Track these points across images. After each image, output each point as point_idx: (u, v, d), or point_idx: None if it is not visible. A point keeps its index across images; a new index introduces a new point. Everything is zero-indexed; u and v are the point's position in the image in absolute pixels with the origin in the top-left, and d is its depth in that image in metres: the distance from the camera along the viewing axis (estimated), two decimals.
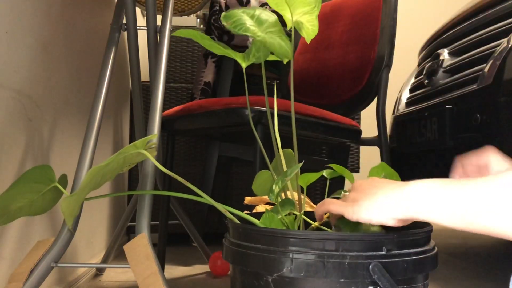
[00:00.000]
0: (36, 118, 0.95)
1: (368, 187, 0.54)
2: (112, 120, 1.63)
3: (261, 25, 0.66)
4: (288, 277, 0.50)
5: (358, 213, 0.51)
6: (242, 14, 0.66)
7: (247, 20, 0.65)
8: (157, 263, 0.71)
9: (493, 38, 1.19)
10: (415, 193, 0.48)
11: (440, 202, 0.46)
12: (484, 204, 0.43)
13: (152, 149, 0.68)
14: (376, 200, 0.51)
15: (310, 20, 0.67)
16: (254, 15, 0.67)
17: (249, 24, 0.65)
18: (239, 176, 1.90)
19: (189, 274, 1.41)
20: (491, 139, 1.09)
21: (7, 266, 0.84)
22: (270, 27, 0.66)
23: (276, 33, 0.66)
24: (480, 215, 0.43)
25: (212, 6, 1.66)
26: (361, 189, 0.55)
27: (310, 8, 0.65)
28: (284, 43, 0.66)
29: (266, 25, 0.66)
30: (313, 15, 0.66)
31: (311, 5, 0.65)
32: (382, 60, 1.38)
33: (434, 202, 0.47)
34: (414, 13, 2.90)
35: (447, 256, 1.70)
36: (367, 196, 0.52)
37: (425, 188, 0.48)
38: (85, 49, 1.28)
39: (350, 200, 0.54)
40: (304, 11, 0.66)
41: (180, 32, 0.68)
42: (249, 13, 0.67)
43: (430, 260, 0.53)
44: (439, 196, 0.46)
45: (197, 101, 1.22)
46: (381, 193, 0.51)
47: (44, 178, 0.70)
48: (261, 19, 0.66)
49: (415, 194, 0.48)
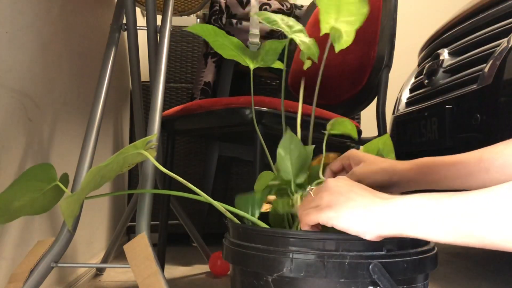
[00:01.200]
0: (36, 118, 0.95)
1: (345, 190, 0.51)
2: (112, 120, 1.63)
3: (290, 28, 0.69)
4: (288, 277, 0.50)
5: (336, 220, 0.50)
6: (275, 16, 0.70)
7: (279, 20, 0.69)
8: (157, 263, 0.71)
9: (493, 38, 1.19)
10: (403, 210, 0.47)
11: (431, 217, 0.45)
12: (480, 216, 0.42)
13: (152, 149, 0.68)
14: (357, 210, 0.49)
15: (349, 32, 0.67)
16: (284, 18, 0.70)
17: (282, 23, 0.68)
18: (239, 176, 1.89)
19: (189, 274, 1.41)
20: (491, 139, 1.09)
21: (7, 266, 0.84)
22: (297, 32, 0.70)
23: (304, 37, 0.70)
24: (475, 226, 0.42)
25: (212, 6, 1.66)
26: (337, 191, 0.52)
27: (353, 19, 0.66)
28: (311, 45, 0.68)
29: (295, 29, 0.70)
30: (354, 27, 0.67)
31: (355, 17, 0.65)
32: (382, 60, 1.38)
33: (424, 218, 0.45)
34: (414, 13, 2.89)
35: (447, 256, 1.70)
36: (346, 203, 0.50)
37: (413, 204, 0.46)
38: (85, 49, 1.28)
39: (325, 203, 0.52)
40: (347, 21, 0.66)
41: (194, 28, 0.68)
42: (279, 17, 0.70)
43: (430, 260, 0.53)
44: (429, 211, 0.45)
45: (197, 101, 1.22)
46: (362, 204, 0.49)
47: (45, 177, 0.70)
48: (290, 24, 0.70)
49: (403, 211, 0.47)
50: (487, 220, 0.42)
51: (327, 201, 0.51)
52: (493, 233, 0.42)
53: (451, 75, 1.35)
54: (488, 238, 0.42)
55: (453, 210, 0.44)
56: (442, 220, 0.44)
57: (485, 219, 0.42)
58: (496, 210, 0.41)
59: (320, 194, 0.53)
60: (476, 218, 0.42)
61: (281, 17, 0.69)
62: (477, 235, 0.42)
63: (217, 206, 0.62)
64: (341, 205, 0.50)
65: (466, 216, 0.43)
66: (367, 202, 0.49)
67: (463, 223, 0.43)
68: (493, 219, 0.42)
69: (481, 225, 0.42)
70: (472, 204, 0.43)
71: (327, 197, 0.52)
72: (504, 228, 0.41)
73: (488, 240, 0.42)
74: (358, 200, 0.50)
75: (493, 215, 0.42)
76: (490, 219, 0.42)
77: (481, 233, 0.42)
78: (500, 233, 0.41)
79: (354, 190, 0.51)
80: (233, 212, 0.63)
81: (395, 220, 0.47)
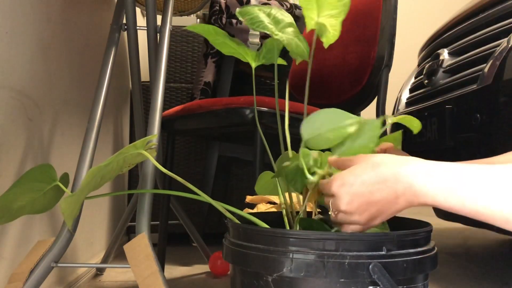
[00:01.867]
0: (36, 118, 0.95)
1: (366, 192, 0.52)
2: (112, 120, 1.63)
3: (277, 25, 0.66)
4: (288, 277, 0.50)
5: (372, 225, 0.53)
6: (259, 12, 0.66)
7: (265, 18, 0.66)
8: (157, 263, 0.71)
9: (493, 38, 1.19)
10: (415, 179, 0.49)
11: (444, 182, 0.47)
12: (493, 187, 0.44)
13: (152, 150, 0.68)
14: (390, 207, 0.51)
15: (334, 25, 0.66)
16: (270, 13, 0.66)
17: (267, 22, 0.65)
18: (239, 176, 1.89)
19: (189, 274, 1.41)
20: (491, 139, 1.09)
21: (7, 266, 0.84)
22: (286, 26, 0.66)
23: (293, 34, 0.66)
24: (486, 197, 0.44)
25: (212, 6, 1.66)
26: (361, 202, 0.52)
27: (337, 12, 0.65)
28: (301, 43, 0.65)
29: (282, 24, 0.66)
30: (338, 19, 0.65)
31: (338, 9, 0.65)
32: (382, 60, 1.38)
33: (437, 184, 0.47)
34: (414, 13, 2.89)
35: (447, 256, 1.70)
36: (378, 209, 0.52)
37: (424, 167, 0.49)
38: (85, 49, 1.28)
39: (362, 220, 0.53)
40: (330, 14, 0.65)
41: (194, 27, 0.67)
42: (265, 11, 0.67)
43: (430, 260, 0.53)
44: (443, 177, 0.47)
45: (197, 101, 1.22)
46: (388, 199, 0.51)
47: (45, 177, 0.70)
48: (278, 19, 0.66)
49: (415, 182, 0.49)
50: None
51: (364, 219, 0.53)
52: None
53: (451, 75, 1.35)
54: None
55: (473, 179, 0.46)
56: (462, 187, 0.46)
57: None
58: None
59: (350, 217, 0.53)
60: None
61: (268, 12, 0.66)
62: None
63: (217, 206, 0.62)
64: (378, 215, 0.52)
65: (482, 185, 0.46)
66: (391, 194, 0.51)
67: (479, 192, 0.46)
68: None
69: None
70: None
71: (359, 215, 0.53)
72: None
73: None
74: (383, 198, 0.51)
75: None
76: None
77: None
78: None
79: (369, 188, 0.52)
80: (233, 212, 0.63)
81: (413, 197, 0.49)
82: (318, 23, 0.66)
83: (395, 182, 0.50)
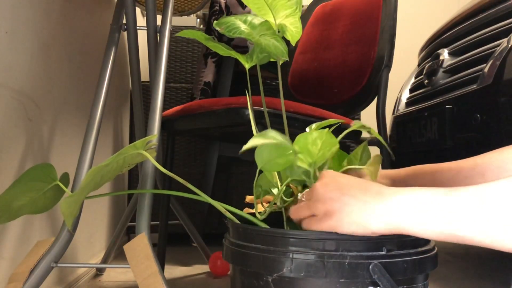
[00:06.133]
0: (36, 118, 0.95)
1: (336, 196, 0.51)
2: (112, 120, 1.63)
3: (254, 29, 0.67)
4: (288, 277, 0.50)
5: (338, 229, 0.50)
6: (235, 20, 0.67)
7: (241, 24, 0.67)
8: (157, 263, 0.71)
9: (493, 38, 1.19)
10: (403, 206, 0.47)
11: (433, 214, 0.46)
12: (487, 213, 0.43)
13: (152, 150, 0.68)
14: (355, 214, 0.49)
15: (293, 23, 0.68)
16: (247, 20, 0.68)
17: (243, 28, 0.66)
18: (239, 176, 1.89)
19: (189, 274, 1.41)
20: (491, 139, 1.09)
21: (7, 266, 0.84)
22: (264, 30, 0.67)
23: (270, 35, 0.67)
24: (480, 224, 0.43)
25: (212, 6, 1.66)
26: (328, 198, 0.52)
27: (292, 10, 0.66)
28: (279, 44, 0.66)
29: (260, 28, 0.67)
30: (296, 17, 0.67)
31: (293, 7, 0.66)
32: (382, 60, 1.38)
33: (424, 215, 0.46)
34: (414, 13, 2.89)
35: (447, 256, 1.70)
36: (342, 210, 0.50)
37: (413, 200, 0.47)
38: (85, 49, 1.28)
39: (321, 213, 0.52)
40: (286, 14, 0.67)
41: (184, 33, 0.68)
42: (241, 18, 0.68)
43: (430, 260, 0.53)
44: (430, 207, 0.46)
45: (197, 101, 1.22)
46: (358, 205, 0.50)
47: (45, 177, 0.70)
48: (254, 24, 0.67)
49: (402, 208, 0.47)
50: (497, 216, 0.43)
51: (323, 211, 0.52)
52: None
53: (451, 75, 1.35)
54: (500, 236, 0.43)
55: (461, 205, 0.45)
56: (449, 216, 0.45)
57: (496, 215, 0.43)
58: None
59: (314, 204, 0.53)
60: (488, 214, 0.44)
61: (244, 19, 0.67)
62: (491, 233, 0.43)
63: (217, 206, 0.62)
64: (338, 213, 0.50)
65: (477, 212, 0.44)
66: (365, 201, 0.50)
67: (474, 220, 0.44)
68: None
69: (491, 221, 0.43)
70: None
71: (321, 207, 0.52)
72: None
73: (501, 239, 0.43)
74: (351, 203, 0.50)
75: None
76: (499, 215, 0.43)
77: (494, 230, 0.43)
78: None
79: (344, 192, 0.51)
80: (233, 212, 0.63)
81: (397, 219, 0.48)
82: (279, 24, 0.68)
83: (379, 197, 0.50)
